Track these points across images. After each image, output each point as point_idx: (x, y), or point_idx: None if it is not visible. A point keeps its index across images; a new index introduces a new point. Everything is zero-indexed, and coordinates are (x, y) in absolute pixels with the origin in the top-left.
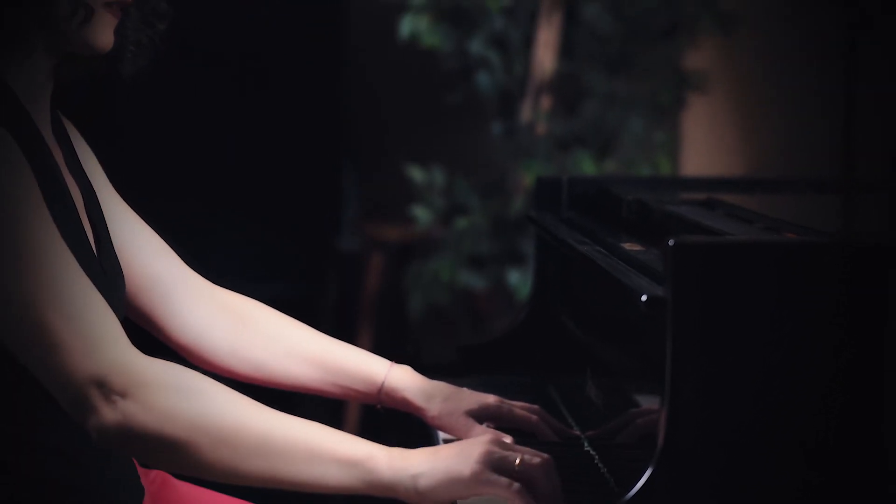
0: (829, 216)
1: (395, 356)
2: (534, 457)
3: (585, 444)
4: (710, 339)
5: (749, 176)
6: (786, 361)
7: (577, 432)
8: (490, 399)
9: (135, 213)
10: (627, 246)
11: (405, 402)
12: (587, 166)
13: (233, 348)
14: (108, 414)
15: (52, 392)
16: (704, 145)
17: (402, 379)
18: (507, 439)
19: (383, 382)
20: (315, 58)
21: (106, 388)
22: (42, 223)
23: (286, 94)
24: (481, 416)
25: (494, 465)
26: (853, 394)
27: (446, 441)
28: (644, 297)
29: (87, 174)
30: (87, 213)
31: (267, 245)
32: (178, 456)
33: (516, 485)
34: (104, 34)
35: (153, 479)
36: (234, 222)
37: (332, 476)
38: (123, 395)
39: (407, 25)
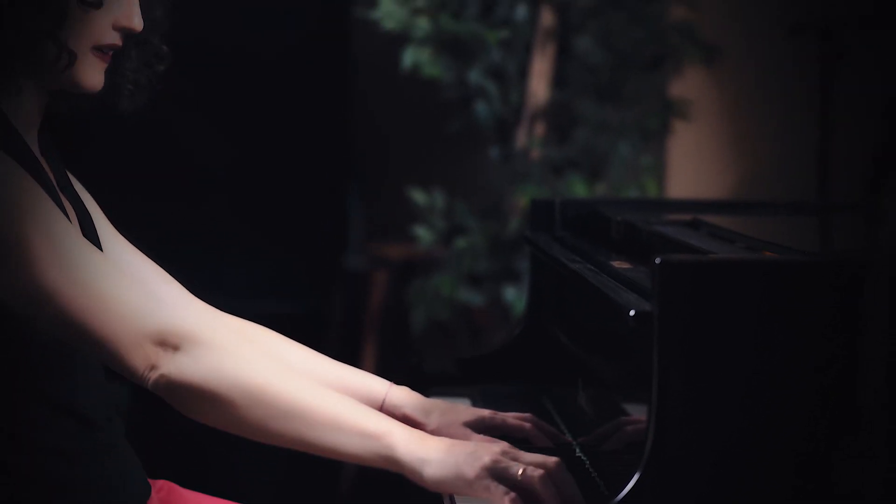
0: (806, 236)
1: (399, 367)
2: (538, 468)
3: (577, 451)
4: (695, 352)
5: (731, 198)
6: (766, 373)
7: (570, 439)
8: (484, 412)
9: (132, 245)
10: (617, 264)
11: (405, 419)
12: (579, 189)
13: None
14: (165, 366)
15: (105, 359)
16: (689, 169)
17: (401, 397)
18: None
19: (384, 400)
20: (322, 88)
21: (164, 343)
22: (62, 223)
23: (296, 123)
24: (477, 427)
25: (498, 473)
26: (831, 403)
27: None
28: (632, 312)
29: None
30: (82, 232)
31: (278, 263)
32: (217, 409)
33: (512, 494)
34: (93, 76)
35: (160, 487)
36: (248, 243)
37: (351, 445)
38: (178, 348)
39: (409, 57)
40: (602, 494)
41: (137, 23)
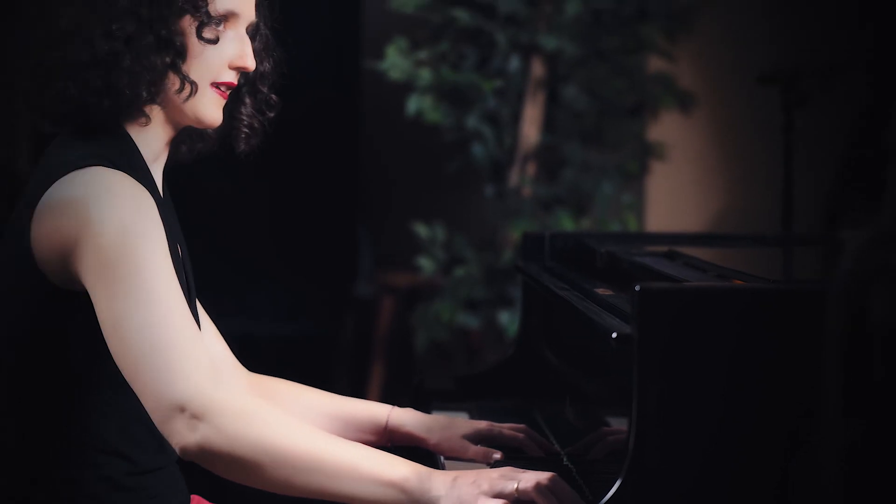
0: (771, 266)
1: (403, 386)
2: (529, 482)
3: (565, 460)
4: (671, 370)
5: (704, 232)
6: (736, 388)
7: (558, 449)
8: (482, 424)
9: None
10: (600, 291)
11: (410, 436)
12: (566, 223)
13: None
14: (189, 436)
15: (149, 413)
16: (666, 206)
17: (402, 417)
18: (497, 454)
19: (387, 422)
20: (334, 132)
21: (187, 413)
22: (165, 262)
23: (311, 164)
24: (475, 438)
25: (496, 493)
26: (794, 419)
27: (448, 459)
28: (614, 335)
29: None
30: (183, 267)
31: (295, 291)
32: (246, 472)
33: (503, 501)
34: (212, 110)
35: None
36: (269, 273)
37: (373, 494)
38: (200, 419)
39: (413, 104)
40: (587, 499)
41: (250, 62)
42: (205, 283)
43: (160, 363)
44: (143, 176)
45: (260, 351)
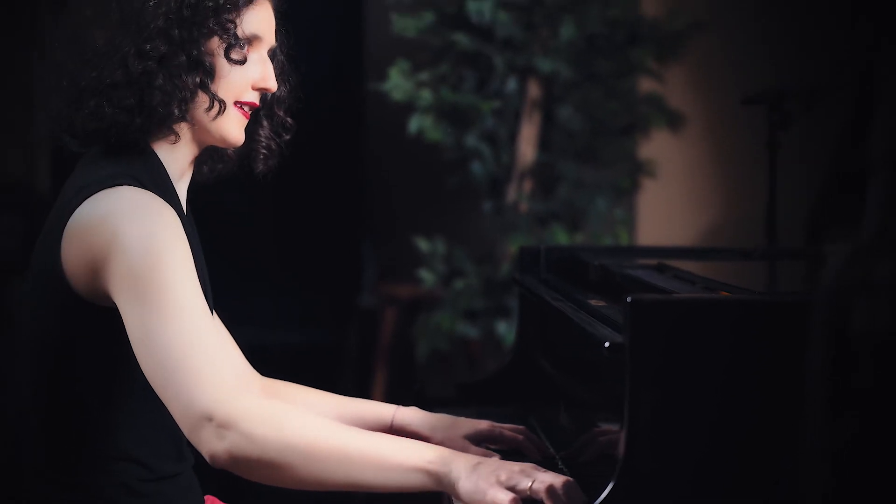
0: (756, 278)
1: (405, 392)
2: (543, 483)
3: (559, 463)
4: (661, 378)
5: (693, 246)
6: (722, 394)
7: (553, 453)
8: (483, 424)
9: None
10: (593, 302)
11: (414, 435)
12: (561, 238)
13: None
14: (218, 444)
15: (177, 422)
16: (656, 221)
17: (407, 416)
18: (496, 457)
19: (392, 421)
20: (340, 150)
21: (215, 422)
22: (190, 278)
23: (317, 180)
24: (477, 438)
25: (511, 486)
26: (778, 423)
27: None
28: (607, 344)
29: None
30: (203, 281)
31: (302, 302)
32: (278, 474)
33: (513, 495)
34: (235, 129)
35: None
36: (277, 284)
37: (400, 479)
38: (227, 427)
39: (414, 123)
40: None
41: (272, 84)
42: (217, 293)
43: (187, 375)
44: (169, 194)
45: (269, 359)
